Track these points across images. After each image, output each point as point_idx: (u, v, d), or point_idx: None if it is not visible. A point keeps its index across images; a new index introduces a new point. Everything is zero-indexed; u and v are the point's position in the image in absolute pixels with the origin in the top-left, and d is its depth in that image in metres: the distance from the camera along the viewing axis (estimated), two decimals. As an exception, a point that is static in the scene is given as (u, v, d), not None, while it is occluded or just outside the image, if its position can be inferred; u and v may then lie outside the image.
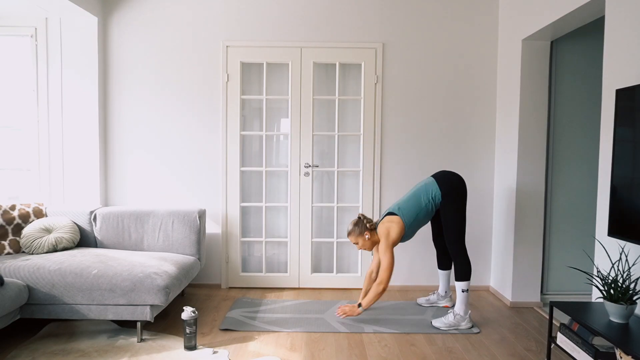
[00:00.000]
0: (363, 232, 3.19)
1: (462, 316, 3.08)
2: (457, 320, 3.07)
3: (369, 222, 3.21)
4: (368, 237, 3.19)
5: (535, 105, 3.53)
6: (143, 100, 3.91)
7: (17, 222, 3.37)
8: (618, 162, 2.28)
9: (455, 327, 3.07)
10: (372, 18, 3.88)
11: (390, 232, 3.08)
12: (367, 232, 3.19)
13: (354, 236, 3.20)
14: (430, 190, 3.12)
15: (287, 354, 2.71)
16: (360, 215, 3.25)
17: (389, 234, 3.08)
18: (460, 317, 3.08)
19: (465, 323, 3.08)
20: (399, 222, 3.10)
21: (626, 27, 2.39)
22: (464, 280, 3.08)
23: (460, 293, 3.08)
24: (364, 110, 3.91)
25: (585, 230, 3.72)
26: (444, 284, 3.48)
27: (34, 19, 3.73)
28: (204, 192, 3.95)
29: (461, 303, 3.08)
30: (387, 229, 3.09)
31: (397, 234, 3.08)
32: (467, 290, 3.07)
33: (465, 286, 3.07)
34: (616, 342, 1.99)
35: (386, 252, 3.06)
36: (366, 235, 3.18)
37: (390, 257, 3.05)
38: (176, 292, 2.98)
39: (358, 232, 3.19)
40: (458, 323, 3.07)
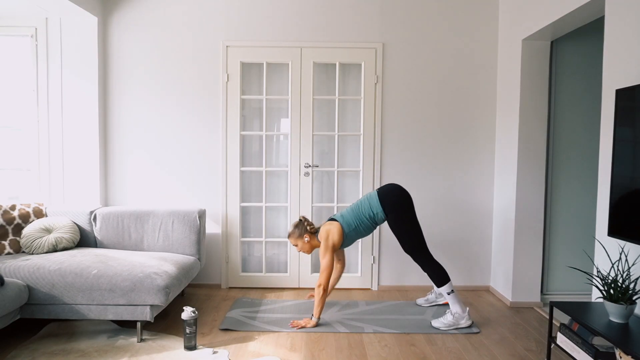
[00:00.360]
0: (303, 235, 3.23)
1: (460, 314, 3.08)
2: (456, 319, 3.08)
3: (310, 225, 3.26)
4: (307, 240, 3.23)
5: (535, 105, 3.53)
6: (143, 100, 3.91)
7: (17, 222, 3.37)
8: (618, 162, 2.28)
9: (455, 326, 3.07)
10: (372, 18, 3.88)
11: (330, 235, 3.13)
12: (307, 234, 3.23)
13: (294, 238, 3.25)
14: (372, 207, 3.15)
15: (287, 354, 2.71)
16: (301, 217, 3.29)
17: (329, 237, 3.12)
18: (459, 315, 3.08)
19: (465, 320, 3.08)
20: (338, 227, 3.15)
21: (626, 27, 2.39)
22: (443, 284, 3.09)
23: (447, 296, 3.08)
24: (364, 110, 3.91)
25: (585, 230, 3.72)
26: None
27: (34, 19, 3.73)
28: (204, 192, 3.95)
29: (454, 303, 3.09)
30: (327, 232, 3.14)
31: (336, 237, 3.12)
32: (452, 291, 3.08)
33: (448, 288, 3.08)
34: (616, 342, 1.99)
35: (325, 254, 3.10)
36: (305, 237, 3.23)
37: (329, 259, 3.09)
38: (176, 292, 2.98)
39: (298, 234, 3.24)
40: (457, 321, 3.08)
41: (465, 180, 3.96)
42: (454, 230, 3.98)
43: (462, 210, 3.97)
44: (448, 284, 3.09)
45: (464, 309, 3.09)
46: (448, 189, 3.96)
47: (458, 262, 4.00)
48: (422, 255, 3.13)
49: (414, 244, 3.12)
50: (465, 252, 3.99)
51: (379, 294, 3.85)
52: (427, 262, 3.13)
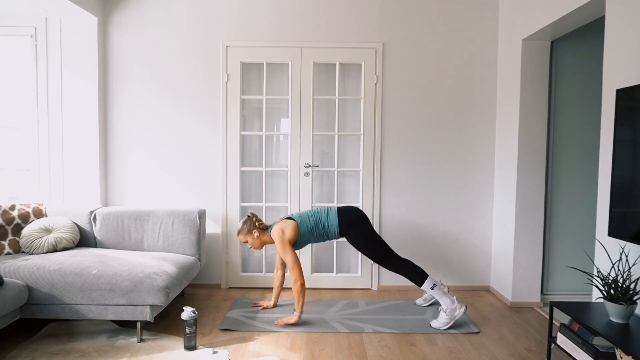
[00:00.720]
0: (252, 230, 3.24)
1: (451, 307, 3.07)
2: (449, 314, 3.07)
3: (259, 221, 3.28)
4: (257, 236, 3.24)
5: (535, 105, 3.53)
6: (143, 100, 3.91)
7: (17, 222, 3.36)
8: (618, 162, 2.28)
9: (452, 319, 3.06)
10: (372, 18, 3.88)
11: (284, 232, 3.14)
12: (256, 230, 3.24)
13: (243, 234, 3.26)
14: (328, 220, 3.20)
15: (287, 354, 2.71)
16: (250, 213, 3.30)
17: (284, 233, 3.13)
18: (450, 307, 3.07)
19: (458, 310, 3.07)
20: (294, 224, 3.17)
21: (626, 27, 2.39)
22: (422, 282, 3.11)
23: (431, 292, 3.09)
24: (364, 110, 3.91)
25: (585, 230, 3.72)
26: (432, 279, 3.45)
27: (34, 19, 3.73)
28: (203, 192, 3.95)
29: (441, 297, 3.09)
30: (281, 229, 3.15)
31: (291, 232, 3.14)
32: (434, 286, 3.09)
33: (429, 284, 3.10)
34: (616, 342, 1.99)
35: (285, 251, 3.11)
36: (255, 233, 3.23)
37: (292, 254, 3.10)
38: (176, 292, 2.97)
39: (247, 230, 3.25)
40: (452, 315, 3.07)
41: (465, 180, 3.96)
42: (454, 229, 3.98)
43: (462, 210, 3.97)
44: (427, 281, 3.10)
45: (452, 299, 3.09)
46: (448, 189, 3.96)
47: (458, 262, 4.00)
48: (392, 262, 3.16)
49: (379, 253, 3.16)
50: (465, 252, 3.99)
51: (379, 294, 3.85)
52: (399, 267, 3.15)
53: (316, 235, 3.23)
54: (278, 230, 3.15)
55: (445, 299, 3.08)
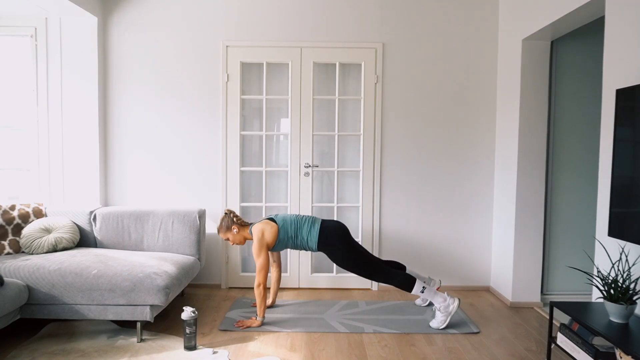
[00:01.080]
0: (230, 227, 3.22)
1: (444, 305, 3.07)
2: (444, 311, 3.06)
3: (236, 216, 3.26)
4: (236, 231, 3.22)
5: (535, 105, 3.53)
6: (143, 100, 3.91)
7: (17, 222, 3.36)
8: (618, 162, 2.28)
9: (448, 316, 3.06)
10: (372, 18, 3.88)
11: (264, 233, 3.11)
12: (235, 226, 3.22)
13: (223, 232, 3.24)
14: (309, 236, 3.14)
15: (287, 354, 2.71)
16: (226, 210, 3.28)
17: (263, 235, 3.11)
18: (443, 305, 3.07)
19: (452, 306, 3.06)
20: (274, 227, 3.13)
21: (626, 27, 2.39)
22: (411, 287, 3.06)
23: (422, 294, 3.06)
24: (364, 110, 3.91)
25: (585, 230, 3.72)
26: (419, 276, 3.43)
27: (34, 19, 3.73)
28: (203, 192, 3.95)
29: (433, 297, 3.07)
30: (261, 230, 3.12)
31: (271, 237, 3.11)
32: (424, 288, 3.05)
33: (418, 287, 3.06)
34: (616, 342, 1.99)
35: (259, 253, 3.08)
36: (234, 229, 3.21)
37: (264, 258, 3.08)
38: (176, 292, 2.97)
39: (225, 227, 3.23)
40: (447, 311, 3.06)
41: (465, 180, 3.96)
42: (454, 229, 3.98)
43: (462, 210, 3.97)
44: (416, 285, 3.06)
45: (443, 297, 3.08)
46: (448, 189, 3.96)
47: (458, 262, 4.00)
48: (379, 272, 3.11)
49: (360, 268, 3.11)
50: (465, 252, 3.99)
51: (379, 294, 3.85)
52: (386, 276, 3.10)
53: (293, 244, 3.19)
54: (258, 231, 3.11)
55: (437, 298, 3.08)
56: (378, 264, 3.16)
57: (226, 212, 3.27)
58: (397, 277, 3.09)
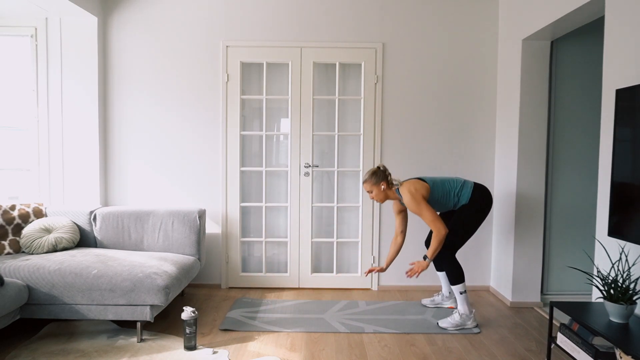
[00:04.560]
0: (379, 182, 3.11)
1: (467, 315, 3.09)
2: (463, 320, 3.08)
3: (389, 174, 3.16)
4: (384, 188, 3.12)
5: (535, 105, 3.53)
6: (143, 100, 3.91)
7: (17, 222, 3.37)
8: (618, 162, 2.28)
9: (462, 326, 3.08)
10: (372, 18, 3.88)
11: (417, 190, 3.00)
12: (384, 182, 3.11)
13: (370, 184, 3.12)
14: (463, 187, 3.10)
15: (287, 354, 2.71)
16: (381, 165, 3.18)
17: (417, 191, 3.00)
18: (466, 316, 3.09)
19: (471, 322, 3.10)
20: (426, 186, 3.05)
21: (626, 27, 2.39)
22: (458, 283, 3.08)
23: (459, 295, 3.09)
24: (364, 110, 3.91)
25: (585, 230, 3.72)
26: (446, 285, 3.48)
27: (34, 19, 3.73)
28: (203, 192, 3.95)
29: (462, 304, 3.09)
30: (413, 187, 3.02)
31: (424, 191, 3.02)
32: (464, 292, 3.09)
33: (462, 288, 3.08)
34: (616, 342, 1.99)
35: (421, 208, 2.97)
36: (382, 185, 3.11)
37: (429, 209, 2.97)
38: (176, 292, 2.97)
39: (375, 180, 3.12)
40: (464, 322, 3.08)
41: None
42: (454, 230, 3.98)
43: (462, 210, 3.97)
44: (462, 284, 3.08)
45: (471, 310, 3.11)
46: (448, 189, 3.96)
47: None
48: (452, 252, 3.10)
49: (459, 240, 3.09)
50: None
51: (379, 294, 3.85)
52: (450, 259, 3.10)
53: (444, 202, 3.10)
54: (410, 188, 3.01)
55: (466, 307, 3.09)
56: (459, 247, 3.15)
57: (379, 167, 3.16)
58: (457, 265, 3.09)
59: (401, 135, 3.93)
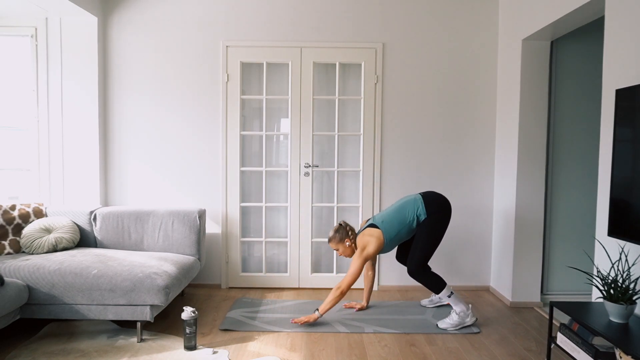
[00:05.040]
0: (344, 239, 3.22)
1: (465, 312, 3.08)
2: (461, 318, 3.08)
3: (351, 230, 3.24)
4: (349, 244, 3.21)
5: (535, 105, 3.53)
6: (143, 100, 3.91)
7: (17, 222, 3.37)
8: (618, 162, 2.28)
9: (461, 324, 3.08)
10: (372, 18, 3.88)
11: (367, 247, 3.10)
12: (348, 239, 3.21)
13: (335, 242, 3.23)
14: (417, 207, 3.13)
15: (287, 354, 2.71)
16: (341, 222, 3.27)
17: (366, 248, 3.10)
18: (464, 313, 3.08)
19: (470, 318, 3.09)
20: (379, 237, 3.11)
21: (626, 27, 2.39)
22: (441, 290, 3.08)
23: (448, 299, 3.08)
24: (364, 110, 3.91)
25: (585, 231, 3.72)
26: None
27: (34, 19, 3.73)
28: (204, 192, 3.95)
29: (456, 304, 3.09)
30: (365, 243, 3.11)
31: (374, 249, 3.10)
32: (451, 293, 3.08)
33: (447, 292, 3.08)
34: (616, 342, 1.99)
35: (356, 261, 3.08)
36: (347, 242, 3.21)
37: (359, 267, 3.07)
38: (176, 292, 2.98)
39: (339, 238, 3.22)
40: (463, 320, 3.08)
41: (465, 180, 3.96)
42: (454, 230, 3.98)
43: (462, 210, 3.97)
44: (445, 288, 3.08)
45: (467, 306, 3.10)
46: (448, 189, 3.96)
47: (458, 262, 4.00)
48: (419, 266, 3.11)
49: (426, 255, 3.10)
50: (465, 252, 3.99)
51: (379, 294, 3.85)
52: (421, 273, 3.10)
53: (405, 233, 3.14)
54: (362, 244, 3.12)
55: (461, 305, 3.09)
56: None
57: (341, 224, 3.25)
58: (432, 278, 3.10)
59: (401, 135, 3.93)
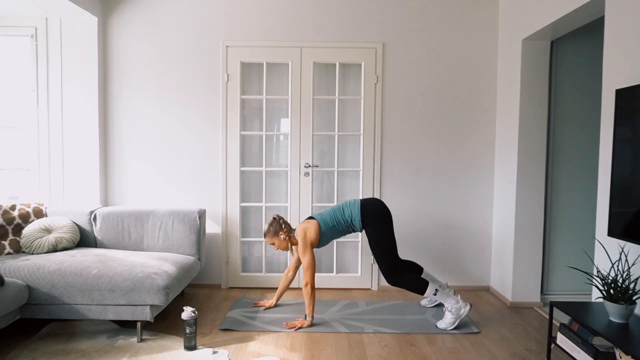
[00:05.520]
0: (278, 232, 3.22)
1: (456, 307, 3.07)
2: (455, 313, 3.07)
3: (285, 222, 3.25)
4: (283, 237, 3.22)
5: (535, 105, 3.53)
6: (143, 100, 3.91)
7: (17, 222, 3.37)
8: (618, 162, 2.28)
9: (457, 319, 3.06)
10: (372, 18, 3.88)
11: (307, 233, 3.13)
12: (282, 232, 3.21)
13: (270, 236, 3.24)
14: (351, 212, 3.17)
15: (287, 354, 2.71)
16: (275, 215, 3.28)
17: (306, 235, 3.13)
18: (455, 307, 3.07)
19: (463, 308, 3.07)
20: (315, 225, 3.15)
21: (626, 27, 2.39)
22: (424, 290, 3.08)
23: (434, 297, 3.08)
24: (364, 110, 3.91)
25: (585, 230, 3.72)
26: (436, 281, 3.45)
27: (34, 19, 3.73)
28: (204, 192, 3.95)
29: (445, 299, 3.08)
30: (304, 230, 3.14)
31: (313, 234, 3.13)
32: (437, 290, 3.07)
33: (431, 290, 3.07)
34: (616, 342, 1.99)
35: (305, 252, 3.10)
36: (281, 235, 3.21)
37: (310, 257, 3.10)
38: (176, 292, 2.98)
39: (273, 232, 3.23)
40: (458, 314, 3.07)
41: (465, 180, 3.96)
42: (454, 229, 3.98)
43: (462, 210, 3.97)
44: (429, 287, 3.07)
45: (456, 299, 3.09)
46: (448, 188, 3.96)
47: (458, 262, 4.00)
48: (396, 271, 3.11)
49: (389, 261, 3.11)
50: (465, 252, 4.00)
51: (379, 294, 3.86)
52: (397, 278, 3.10)
53: (338, 232, 3.20)
54: (301, 230, 3.14)
55: (449, 300, 3.08)
56: (398, 263, 3.17)
57: (275, 217, 3.26)
58: (410, 281, 3.10)
59: (401, 135, 3.93)
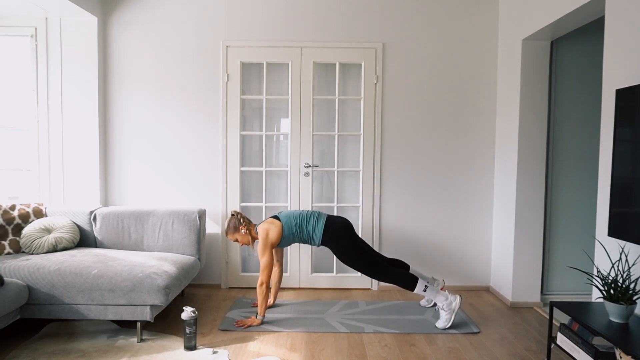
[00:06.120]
0: (238, 227, 3.23)
1: (446, 302, 3.08)
2: (447, 308, 3.07)
3: (243, 217, 3.26)
4: (245, 232, 3.22)
5: (535, 105, 3.53)
6: (143, 100, 3.91)
7: (17, 222, 3.37)
8: (618, 162, 2.28)
9: (452, 313, 3.07)
10: (372, 18, 3.88)
11: (269, 233, 3.12)
12: (242, 226, 3.22)
13: (231, 233, 3.25)
14: (315, 226, 3.17)
15: (287, 354, 2.71)
16: (233, 211, 3.28)
17: (268, 235, 3.12)
18: (446, 303, 3.08)
19: (454, 303, 3.07)
20: (279, 227, 3.15)
21: (626, 27, 2.39)
22: (414, 286, 3.09)
23: (424, 293, 3.08)
24: (364, 110, 3.91)
25: (585, 230, 3.72)
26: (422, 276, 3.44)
27: (34, 19, 3.73)
28: (204, 192, 3.95)
29: (435, 296, 3.09)
30: (266, 230, 3.14)
31: (275, 237, 3.13)
32: (426, 287, 3.08)
33: (421, 286, 3.08)
34: (616, 342, 1.99)
35: (264, 252, 3.11)
36: (242, 229, 3.22)
37: (269, 257, 3.10)
38: (176, 292, 2.98)
39: (233, 227, 3.24)
40: (450, 309, 3.07)
41: (465, 180, 3.96)
42: (454, 229, 3.98)
43: (463, 210, 3.97)
44: (418, 284, 3.08)
45: (444, 295, 3.09)
46: (448, 189, 3.96)
47: (458, 262, 4.00)
48: (380, 271, 3.13)
49: (364, 267, 3.12)
50: (465, 252, 3.99)
51: (379, 294, 3.85)
52: (388, 276, 3.12)
53: (299, 239, 3.21)
54: (263, 231, 3.14)
55: (439, 296, 3.09)
56: (381, 263, 3.17)
57: (233, 213, 3.27)
58: (399, 277, 3.12)
59: (401, 135, 3.93)
